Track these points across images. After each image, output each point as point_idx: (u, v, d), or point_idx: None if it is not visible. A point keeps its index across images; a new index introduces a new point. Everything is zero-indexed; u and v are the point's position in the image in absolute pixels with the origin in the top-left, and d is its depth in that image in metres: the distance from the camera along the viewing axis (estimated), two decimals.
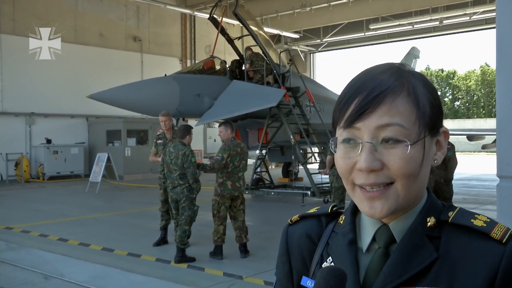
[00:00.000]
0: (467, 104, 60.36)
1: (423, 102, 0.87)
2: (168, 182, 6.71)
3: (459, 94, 60.66)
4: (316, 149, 13.20)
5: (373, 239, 0.92)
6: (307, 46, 28.18)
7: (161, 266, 6.29)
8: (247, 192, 11.91)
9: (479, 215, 0.90)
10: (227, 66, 12.71)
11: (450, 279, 0.84)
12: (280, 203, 12.22)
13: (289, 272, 1.04)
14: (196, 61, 20.48)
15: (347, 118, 0.87)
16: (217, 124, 14.12)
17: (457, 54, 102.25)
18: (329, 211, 1.03)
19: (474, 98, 59.51)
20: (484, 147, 16.90)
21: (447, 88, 60.91)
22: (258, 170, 13.68)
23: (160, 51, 23.30)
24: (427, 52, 71.86)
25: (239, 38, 14.06)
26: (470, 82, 59.18)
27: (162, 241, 7.45)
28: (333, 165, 8.09)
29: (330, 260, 0.96)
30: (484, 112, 56.83)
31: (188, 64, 22.91)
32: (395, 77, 0.88)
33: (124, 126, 19.36)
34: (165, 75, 11.92)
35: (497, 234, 0.84)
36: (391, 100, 0.85)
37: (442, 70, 62.85)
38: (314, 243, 1.01)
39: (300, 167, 15.34)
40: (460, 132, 18.78)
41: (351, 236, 0.94)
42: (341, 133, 0.89)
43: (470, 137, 17.85)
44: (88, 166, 18.85)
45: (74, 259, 6.61)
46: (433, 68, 63.87)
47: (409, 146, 0.84)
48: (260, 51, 12.71)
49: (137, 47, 22.39)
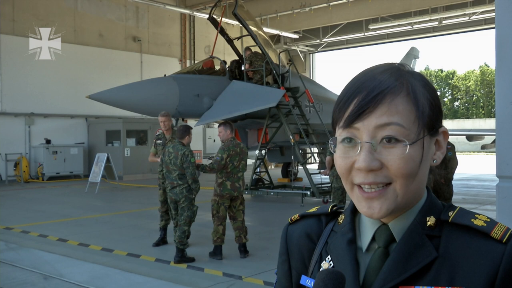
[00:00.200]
0: (467, 104, 60.41)
1: (422, 102, 0.88)
2: (167, 183, 6.70)
3: (458, 94, 60.71)
4: (315, 149, 13.21)
5: (373, 239, 0.92)
6: (306, 46, 28.18)
7: (161, 267, 6.29)
8: (246, 192, 11.92)
9: (479, 215, 0.90)
10: (226, 66, 12.71)
11: (450, 278, 0.84)
12: (280, 204, 12.22)
13: (288, 271, 1.04)
14: (196, 61, 20.49)
15: (346, 118, 0.88)
16: (217, 125, 14.12)
17: (456, 55, 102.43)
18: (329, 210, 1.03)
19: (474, 98, 59.56)
20: (484, 147, 16.93)
21: (447, 88, 60.96)
22: (258, 170, 13.68)
23: (160, 51, 23.30)
24: (427, 52, 71.86)
25: (238, 38, 14.05)
26: (469, 82, 59.22)
27: (162, 241, 7.45)
28: (333, 165, 8.11)
29: (329, 259, 0.96)
30: (483, 112, 56.89)
31: (188, 64, 22.93)
32: (394, 77, 0.88)
33: (124, 127, 19.37)
34: (165, 75, 11.91)
35: (497, 234, 0.84)
36: (390, 100, 0.86)
37: (442, 70, 62.90)
38: (314, 242, 1.01)
39: (300, 167, 15.36)
40: (460, 132, 18.79)
41: (351, 236, 0.94)
42: (340, 133, 0.89)
43: (470, 137, 17.87)
44: (88, 167, 18.88)
45: (74, 259, 6.61)
46: (433, 68, 64.02)
47: (408, 146, 0.84)
48: (260, 51, 12.71)
49: (136, 47, 22.39)
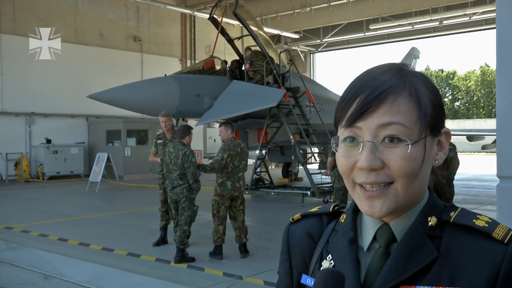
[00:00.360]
0: (467, 105, 60.40)
1: (425, 102, 0.88)
2: (167, 183, 6.69)
3: (459, 94, 60.70)
4: (316, 149, 13.21)
5: (374, 238, 0.92)
6: (307, 46, 28.18)
7: (161, 266, 6.29)
8: (246, 192, 11.91)
9: (480, 215, 0.90)
10: (227, 66, 12.71)
11: (451, 279, 0.84)
12: (280, 203, 12.22)
13: (289, 270, 1.04)
14: (196, 61, 20.49)
15: (349, 117, 0.88)
16: (217, 124, 14.10)
17: (457, 55, 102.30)
18: (331, 210, 1.03)
19: (474, 99, 59.55)
20: (484, 147, 16.93)
21: (447, 88, 60.94)
22: (258, 170, 13.67)
23: (160, 51, 23.31)
24: (427, 53, 72.03)
25: (239, 38, 14.06)
26: (470, 82, 59.22)
27: (162, 241, 7.45)
28: (335, 166, 8.11)
29: (329, 258, 0.96)
30: (484, 112, 56.88)
31: (188, 64, 22.93)
32: (397, 77, 0.88)
33: (124, 126, 19.37)
34: (165, 75, 11.91)
35: (498, 235, 0.84)
36: (393, 100, 0.86)
37: (442, 71, 62.89)
38: (315, 241, 1.01)
39: (300, 167, 15.36)
40: (460, 133, 18.77)
41: (352, 235, 0.95)
42: (342, 132, 0.89)
43: (470, 138, 17.87)
44: (88, 166, 18.87)
45: (74, 259, 6.61)
46: (433, 68, 63.98)
47: (410, 146, 0.84)
48: (260, 51, 12.70)
49: (137, 47, 22.40)
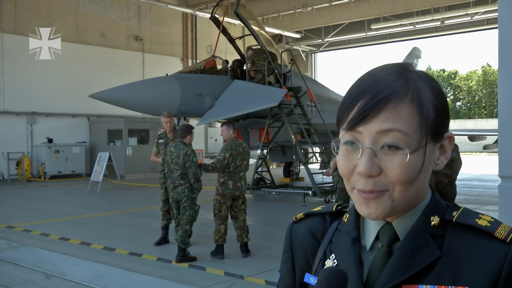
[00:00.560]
0: (469, 105, 60.36)
1: (427, 108, 0.87)
2: (168, 182, 6.69)
3: (460, 94, 60.67)
4: (317, 149, 13.20)
5: (377, 237, 0.92)
6: (308, 46, 28.18)
7: (162, 266, 6.29)
8: (248, 192, 11.92)
9: (483, 215, 0.90)
10: (228, 65, 12.71)
11: (453, 278, 0.84)
12: (281, 203, 12.22)
13: (292, 269, 1.04)
14: (198, 61, 20.50)
15: (350, 121, 0.87)
16: (218, 124, 14.08)
17: (458, 55, 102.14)
18: (334, 209, 1.03)
19: (476, 99, 59.51)
20: (486, 147, 16.94)
21: (449, 88, 60.90)
22: (259, 170, 13.68)
23: (162, 51, 23.32)
24: (429, 52, 71.90)
25: (240, 37, 14.06)
26: (471, 82, 59.17)
27: (163, 240, 7.45)
28: None
29: (333, 257, 0.96)
30: (485, 112, 56.84)
31: (190, 64, 22.94)
32: (401, 81, 0.87)
33: (126, 126, 19.38)
34: (167, 74, 11.92)
35: (501, 234, 0.84)
36: (394, 106, 0.85)
37: (444, 70, 62.82)
38: (318, 240, 1.01)
39: (301, 167, 15.36)
40: (462, 133, 18.76)
41: (355, 234, 0.95)
42: (343, 135, 0.90)
43: (472, 138, 17.87)
44: (90, 166, 18.90)
45: (75, 258, 6.62)
46: (435, 68, 63.94)
47: (408, 154, 0.84)
48: (261, 50, 12.70)
49: (138, 47, 22.41)
